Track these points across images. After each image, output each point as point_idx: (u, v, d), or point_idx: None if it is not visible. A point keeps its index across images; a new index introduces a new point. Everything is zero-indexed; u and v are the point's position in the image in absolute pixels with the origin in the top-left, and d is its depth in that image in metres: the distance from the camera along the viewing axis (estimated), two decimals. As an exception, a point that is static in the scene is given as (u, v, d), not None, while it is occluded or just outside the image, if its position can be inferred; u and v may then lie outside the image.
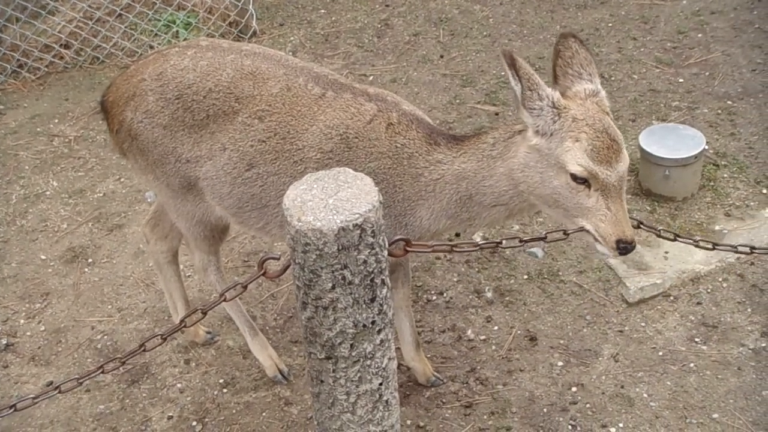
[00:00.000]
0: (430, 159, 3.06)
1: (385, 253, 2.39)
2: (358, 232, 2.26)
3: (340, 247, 2.26)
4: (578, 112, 2.76)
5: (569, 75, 2.88)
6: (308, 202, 2.30)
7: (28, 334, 4.23)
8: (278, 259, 2.50)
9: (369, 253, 2.31)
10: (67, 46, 6.32)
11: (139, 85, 3.33)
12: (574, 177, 2.74)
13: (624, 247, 2.75)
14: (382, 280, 2.40)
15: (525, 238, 2.72)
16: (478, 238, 4.53)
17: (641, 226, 2.79)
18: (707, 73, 5.62)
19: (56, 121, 5.79)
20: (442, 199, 3.09)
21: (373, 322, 2.43)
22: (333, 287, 2.33)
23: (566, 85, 2.88)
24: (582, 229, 2.80)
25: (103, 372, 2.58)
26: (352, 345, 2.44)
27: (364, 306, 2.38)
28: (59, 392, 2.54)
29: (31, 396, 2.51)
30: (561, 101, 2.79)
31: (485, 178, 2.99)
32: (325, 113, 3.13)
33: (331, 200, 2.30)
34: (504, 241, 2.69)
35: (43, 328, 4.26)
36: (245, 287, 2.56)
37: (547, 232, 2.69)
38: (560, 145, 2.75)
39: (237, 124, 3.21)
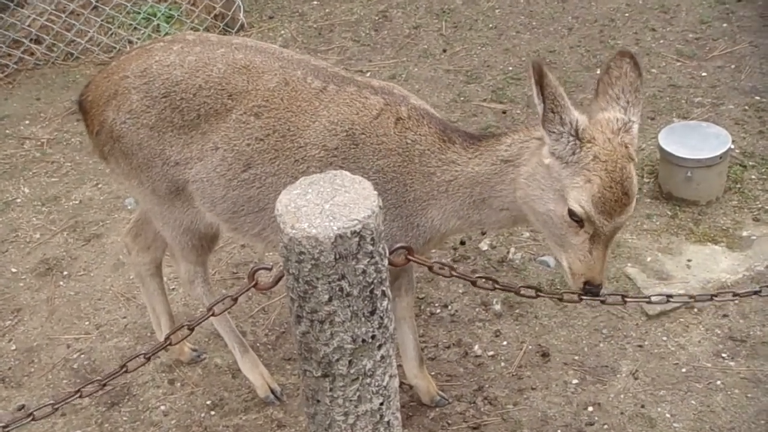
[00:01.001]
0: (444, 158, 3.10)
1: (386, 262, 2.42)
2: (357, 239, 2.28)
3: (337, 256, 2.29)
4: (602, 151, 2.77)
5: (608, 96, 2.90)
6: (302, 207, 2.33)
7: (-1, 353, 4.26)
8: (270, 269, 2.52)
9: (368, 262, 2.34)
10: (38, 41, 6.35)
11: (122, 83, 3.36)
12: (571, 213, 2.81)
13: (589, 289, 2.87)
14: (383, 292, 2.43)
15: (521, 285, 2.83)
16: (484, 245, 4.56)
17: (625, 299, 2.90)
18: (733, 66, 5.66)
19: (27, 122, 5.82)
20: (455, 200, 3.14)
21: (373, 337, 2.45)
22: (330, 299, 2.36)
23: (602, 105, 2.90)
24: (538, 289, 2.88)
25: (81, 396, 2.60)
26: (350, 362, 2.46)
27: (363, 319, 2.41)
28: (32, 419, 2.56)
29: (2, 424, 2.53)
30: (586, 132, 2.79)
31: (498, 183, 3.05)
32: (328, 108, 3.16)
33: (327, 205, 2.32)
34: (500, 281, 2.78)
35: (14, 347, 4.28)
36: (235, 300, 2.58)
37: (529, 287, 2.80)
38: (571, 178, 2.79)
39: (231, 122, 3.24)
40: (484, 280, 2.71)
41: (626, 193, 2.77)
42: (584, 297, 2.88)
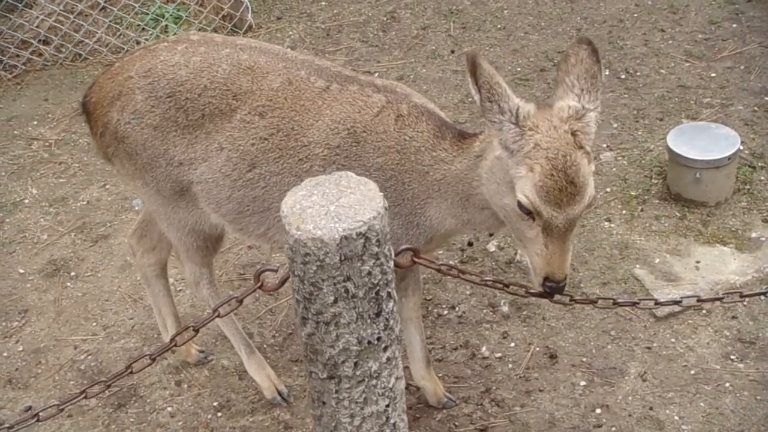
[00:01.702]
0: (435, 156, 3.10)
1: (392, 263, 2.42)
2: (362, 241, 2.28)
3: (343, 258, 2.28)
4: (543, 139, 2.70)
5: (564, 85, 2.82)
6: (308, 209, 2.33)
7: (5, 354, 4.26)
8: (276, 271, 2.52)
9: (374, 263, 2.34)
10: (46, 42, 6.37)
11: (126, 84, 3.37)
12: (519, 206, 2.76)
13: (550, 287, 2.78)
14: (389, 293, 2.42)
15: (532, 290, 2.80)
16: (492, 246, 4.56)
17: (617, 304, 2.84)
18: (742, 67, 5.64)
19: (35, 123, 5.83)
20: (447, 199, 3.14)
21: (378, 339, 2.45)
22: (335, 301, 2.35)
23: (559, 95, 2.84)
24: (542, 293, 2.84)
25: (86, 397, 2.60)
26: (356, 363, 2.46)
27: (368, 321, 2.41)
28: (38, 420, 2.57)
29: (6, 425, 2.54)
30: (527, 119, 2.73)
31: (474, 179, 3.04)
32: (331, 107, 3.17)
33: (333, 207, 2.32)
34: (511, 286, 2.78)
35: (21, 348, 4.29)
36: (241, 302, 2.58)
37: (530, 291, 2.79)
38: (515, 168, 2.74)
39: (235, 122, 3.25)
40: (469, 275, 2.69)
41: (571, 182, 2.67)
42: (576, 300, 2.83)
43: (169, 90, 3.30)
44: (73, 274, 4.67)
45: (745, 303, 4.16)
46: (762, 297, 4.16)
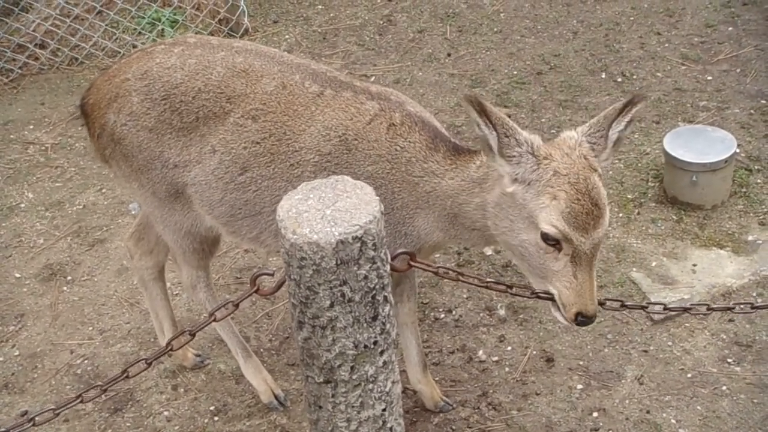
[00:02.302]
0: (425, 167, 3.08)
1: (388, 267, 2.42)
2: (358, 245, 2.28)
3: (339, 262, 2.28)
4: (561, 166, 2.72)
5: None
6: (304, 213, 2.33)
7: (1, 359, 4.26)
8: (272, 274, 2.52)
9: (370, 267, 2.34)
10: (42, 46, 6.37)
11: (122, 86, 3.37)
12: (545, 237, 2.72)
13: (582, 321, 2.75)
14: (385, 297, 2.42)
15: (538, 291, 2.79)
16: (489, 250, 4.56)
17: (624, 306, 2.81)
18: (738, 70, 5.65)
19: (31, 127, 5.83)
20: (435, 212, 3.12)
21: (375, 343, 2.45)
22: (331, 305, 2.35)
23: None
24: (548, 294, 2.80)
25: (82, 401, 2.60)
26: (352, 367, 2.46)
27: (365, 325, 2.41)
28: (33, 425, 2.56)
29: (3, 429, 2.53)
30: (541, 149, 2.75)
31: (464, 202, 3.01)
32: (324, 113, 3.16)
33: (329, 211, 2.32)
34: (515, 288, 2.74)
35: (17, 353, 4.29)
36: (237, 306, 2.58)
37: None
38: (536, 199, 2.72)
39: (229, 125, 3.25)
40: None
41: (596, 204, 2.69)
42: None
43: (164, 92, 3.31)
44: (69, 278, 4.66)
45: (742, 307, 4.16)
46: (759, 300, 4.17)
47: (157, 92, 3.32)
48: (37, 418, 2.54)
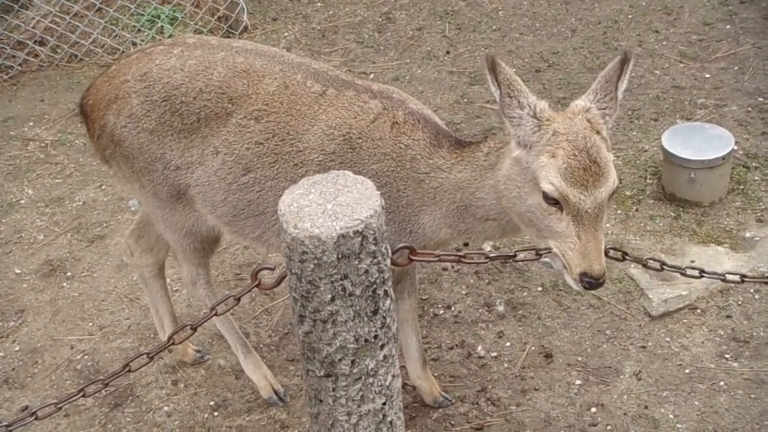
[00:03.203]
0: (431, 163, 3.10)
1: (388, 262, 2.43)
2: (359, 239, 2.29)
3: (340, 256, 2.30)
4: (561, 126, 2.75)
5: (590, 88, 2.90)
6: (305, 207, 2.34)
7: (1, 354, 4.26)
8: (273, 269, 2.53)
9: (371, 262, 2.35)
10: (42, 43, 6.37)
11: (122, 87, 3.37)
12: (545, 196, 2.73)
13: (589, 282, 2.72)
14: (385, 291, 2.43)
15: (542, 249, 2.75)
16: (487, 246, 4.57)
17: (626, 257, 2.78)
18: (736, 68, 5.66)
19: (31, 124, 5.84)
20: (442, 207, 3.13)
21: (375, 337, 2.46)
22: (332, 299, 2.36)
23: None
24: (549, 250, 2.79)
25: (83, 395, 2.61)
26: (353, 361, 2.47)
27: (365, 319, 2.42)
28: (35, 419, 2.57)
29: (5, 423, 2.54)
30: (545, 112, 2.79)
31: (477, 189, 3.03)
32: (327, 112, 3.17)
33: (330, 205, 2.33)
34: (519, 254, 2.71)
35: (17, 348, 4.29)
36: (238, 300, 2.59)
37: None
38: (536, 160, 2.75)
39: (231, 126, 3.25)
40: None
41: (595, 161, 2.69)
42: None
43: (164, 94, 3.30)
44: (69, 274, 4.67)
45: (739, 302, 4.18)
46: (756, 297, 4.19)
47: (157, 94, 3.31)
48: (39, 413, 2.55)
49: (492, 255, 2.69)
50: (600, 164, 2.70)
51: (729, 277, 2.84)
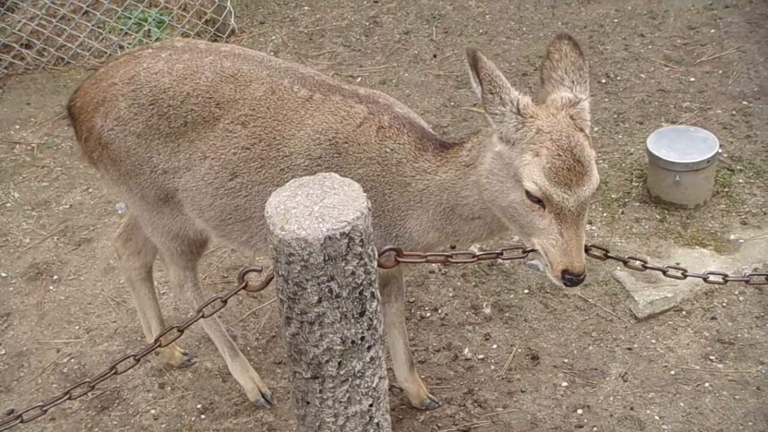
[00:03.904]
0: (417, 167, 3.11)
1: (375, 263, 2.44)
2: (346, 241, 2.30)
3: (327, 258, 2.30)
4: (545, 124, 2.75)
5: (552, 80, 2.88)
6: (292, 209, 2.34)
7: (-12, 358, 4.25)
8: (260, 271, 2.53)
9: (357, 263, 2.35)
10: (28, 46, 6.35)
11: (110, 90, 3.37)
12: (528, 194, 2.74)
13: (570, 279, 2.74)
14: (372, 293, 2.44)
15: (528, 249, 2.76)
16: (475, 249, 4.57)
17: (607, 255, 2.79)
18: (721, 72, 5.70)
19: (17, 127, 5.81)
20: (428, 210, 3.14)
21: (362, 338, 2.47)
22: (319, 301, 2.37)
23: (548, 90, 2.89)
24: (533, 250, 2.80)
25: (70, 398, 2.60)
26: (339, 363, 2.47)
27: (352, 321, 2.42)
28: (21, 422, 2.56)
29: (-12, 427, 2.54)
30: (527, 108, 2.78)
31: (462, 188, 3.03)
32: (313, 117, 3.17)
33: (317, 207, 2.34)
34: (505, 252, 2.71)
35: (3, 352, 4.27)
36: (224, 302, 2.60)
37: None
38: (519, 157, 2.75)
39: (218, 130, 3.25)
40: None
41: (578, 161, 2.69)
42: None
43: (151, 97, 3.30)
44: (55, 277, 4.65)
45: (724, 304, 4.20)
46: (741, 299, 4.22)
47: (145, 97, 3.31)
48: (24, 415, 2.54)
49: (479, 254, 2.70)
50: (583, 163, 2.71)
51: (711, 278, 2.85)
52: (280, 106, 3.21)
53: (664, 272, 2.84)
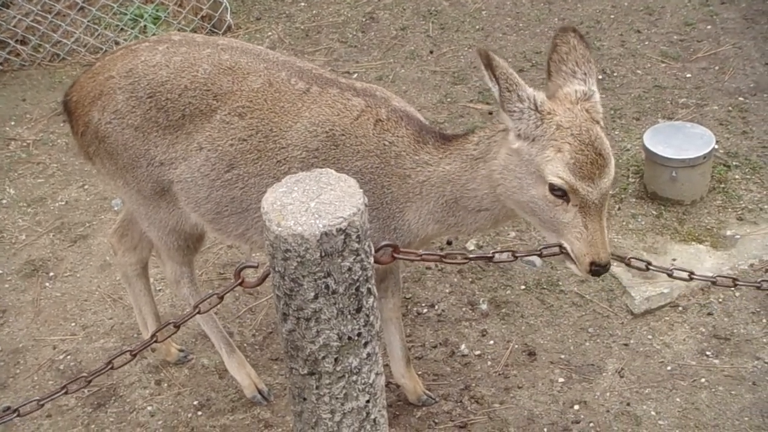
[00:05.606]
0: (417, 159, 3.11)
1: (372, 259, 2.43)
2: (342, 237, 2.30)
3: (323, 254, 2.30)
4: (564, 119, 2.77)
5: (563, 73, 2.89)
6: (288, 205, 2.34)
7: (-16, 354, 4.25)
8: (256, 267, 2.53)
9: (354, 259, 2.35)
10: (23, 42, 6.34)
11: (107, 83, 3.36)
12: (552, 189, 2.76)
13: (596, 270, 2.79)
14: (368, 289, 2.44)
15: (519, 252, 2.76)
16: (471, 245, 4.58)
17: (649, 268, 2.79)
18: (717, 68, 5.71)
19: (12, 123, 5.80)
20: (429, 202, 3.14)
21: (358, 335, 2.46)
22: (316, 297, 2.36)
23: (558, 83, 2.90)
24: (559, 246, 2.81)
25: (66, 393, 2.59)
26: (336, 359, 2.47)
27: (349, 317, 2.42)
28: (18, 415, 2.56)
29: (-15, 422, 2.53)
30: (545, 104, 2.80)
31: (468, 181, 3.04)
32: (310, 109, 3.17)
33: (313, 203, 2.33)
34: (497, 255, 2.72)
35: None
36: (221, 298, 2.59)
37: (542, 247, 2.75)
38: (541, 153, 2.77)
39: (215, 122, 3.25)
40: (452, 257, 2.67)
41: (600, 154, 2.74)
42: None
43: (149, 90, 3.30)
44: (51, 274, 4.65)
45: (720, 300, 4.21)
46: (736, 294, 4.22)
47: (143, 90, 3.31)
48: (20, 410, 2.54)
49: (471, 256, 2.71)
50: (604, 156, 2.75)
51: (720, 281, 2.86)
52: (277, 98, 3.21)
53: (670, 274, 2.84)
